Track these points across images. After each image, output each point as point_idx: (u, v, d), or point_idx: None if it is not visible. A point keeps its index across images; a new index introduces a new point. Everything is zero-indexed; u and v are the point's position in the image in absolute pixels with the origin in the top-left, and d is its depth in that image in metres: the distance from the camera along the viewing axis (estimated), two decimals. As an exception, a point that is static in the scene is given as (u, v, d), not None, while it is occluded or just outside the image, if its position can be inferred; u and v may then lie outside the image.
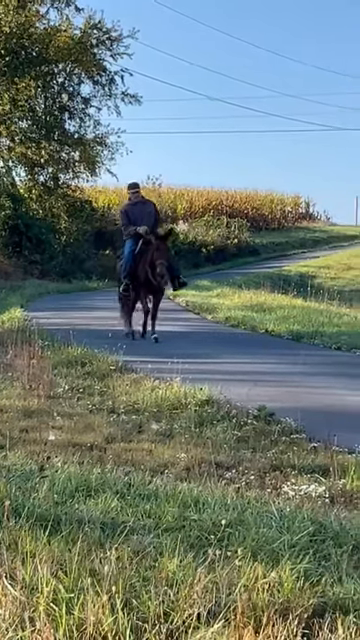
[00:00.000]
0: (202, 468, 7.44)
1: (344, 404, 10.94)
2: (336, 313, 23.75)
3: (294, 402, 10.65)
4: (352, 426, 9.30)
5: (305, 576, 4.45)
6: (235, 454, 8.08)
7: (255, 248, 49.66)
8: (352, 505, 6.42)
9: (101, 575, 4.20)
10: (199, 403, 10.17)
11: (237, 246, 48.00)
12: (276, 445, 8.49)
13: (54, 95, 38.12)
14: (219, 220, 50.02)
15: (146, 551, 4.71)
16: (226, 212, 52.44)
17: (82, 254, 38.66)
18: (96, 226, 40.85)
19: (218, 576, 4.31)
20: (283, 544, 4.94)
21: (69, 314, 21.77)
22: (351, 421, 9.73)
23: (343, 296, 29.26)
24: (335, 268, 42.32)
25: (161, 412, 9.82)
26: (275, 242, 52.91)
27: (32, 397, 10.43)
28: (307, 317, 21.73)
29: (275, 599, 4.16)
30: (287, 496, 6.57)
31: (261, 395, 10.63)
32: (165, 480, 6.70)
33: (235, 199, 55.94)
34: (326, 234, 58.80)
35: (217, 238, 47.42)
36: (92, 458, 7.51)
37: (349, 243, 54.92)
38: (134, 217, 17.21)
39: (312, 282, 34.45)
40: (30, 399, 10.28)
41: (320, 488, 6.87)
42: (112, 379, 11.98)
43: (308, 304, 26.08)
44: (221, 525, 5.24)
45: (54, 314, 21.53)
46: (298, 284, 33.65)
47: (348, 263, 43.83)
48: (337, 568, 4.72)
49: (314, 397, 11.45)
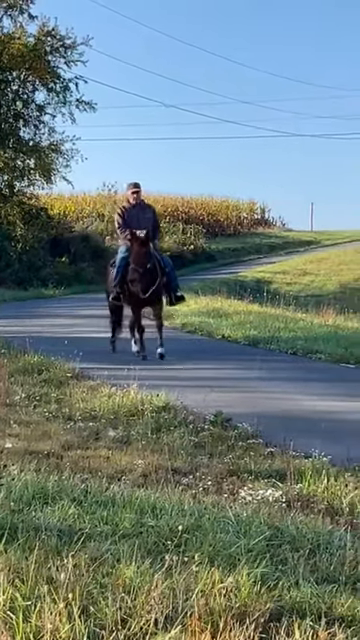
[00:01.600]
0: (159, 474, 7.45)
1: (300, 409, 10.99)
2: (292, 318, 23.81)
3: (251, 407, 10.69)
4: (308, 431, 9.34)
5: (262, 580, 4.48)
6: (192, 460, 8.10)
7: (211, 254, 49.80)
8: (308, 509, 6.45)
9: (58, 582, 4.21)
10: (156, 409, 10.18)
11: (193, 252, 48.11)
12: (233, 450, 8.51)
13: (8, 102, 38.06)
14: (175, 226, 50.12)
15: (103, 558, 4.72)
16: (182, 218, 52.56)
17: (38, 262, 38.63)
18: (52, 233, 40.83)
19: (175, 582, 4.33)
20: (240, 549, 4.97)
21: (25, 322, 21.72)
22: (307, 426, 9.77)
23: (299, 301, 29.38)
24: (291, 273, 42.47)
25: (118, 419, 9.83)
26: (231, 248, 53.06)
27: (-14, 405, 10.42)
28: (263, 322, 21.79)
29: (232, 604, 4.19)
30: (244, 501, 6.60)
31: (218, 401, 10.65)
32: (122, 487, 6.71)
33: (191, 205, 56.09)
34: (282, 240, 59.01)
35: (173, 244, 47.39)
36: (49, 466, 7.50)
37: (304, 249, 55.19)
38: (130, 221, 15.55)
39: (268, 287, 34.57)
40: (-16, 407, 10.27)
41: (277, 493, 6.91)
42: (69, 386, 11.97)
43: (264, 310, 26.16)
44: (178, 531, 5.25)
45: (10, 322, 21.46)
46: (254, 290, 33.73)
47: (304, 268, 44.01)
48: (294, 572, 4.75)
49: (270, 402, 11.50)
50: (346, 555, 5.10)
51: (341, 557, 5.07)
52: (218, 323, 21.63)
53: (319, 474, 7.40)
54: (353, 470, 7.56)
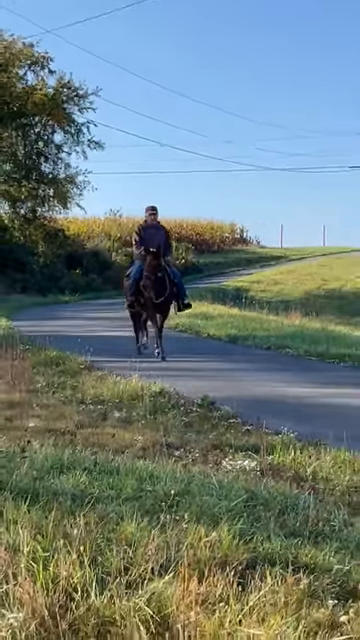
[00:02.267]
0: (155, 448, 7.44)
1: (272, 394, 10.98)
2: (265, 320, 23.83)
3: (231, 393, 10.66)
4: (278, 412, 9.34)
5: (240, 535, 4.47)
6: (183, 436, 8.09)
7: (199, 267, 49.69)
8: (278, 476, 6.44)
9: (72, 537, 4.20)
10: (153, 395, 10.18)
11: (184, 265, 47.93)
12: (216, 428, 8.51)
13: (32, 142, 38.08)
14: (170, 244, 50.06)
15: (109, 517, 4.71)
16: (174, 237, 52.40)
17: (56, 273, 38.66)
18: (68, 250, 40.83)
19: (168, 536, 4.32)
20: (222, 509, 4.96)
21: (46, 323, 21.68)
22: (277, 408, 9.77)
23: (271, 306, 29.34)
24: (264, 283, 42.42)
25: (122, 403, 9.82)
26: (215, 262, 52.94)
27: (15, 392, 10.38)
28: (242, 323, 21.79)
29: (215, 554, 4.18)
30: (225, 470, 6.59)
31: (204, 387, 10.65)
32: (125, 458, 6.69)
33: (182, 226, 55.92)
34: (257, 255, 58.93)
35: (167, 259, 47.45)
36: (65, 441, 7.48)
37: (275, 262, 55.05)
38: (146, 238, 15.05)
39: (246, 294, 34.56)
40: (13, 393, 10.23)
41: (252, 463, 6.90)
42: (81, 376, 11.96)
43: (243, 313, 26.16)
44: (171, 495, 5.24)
45: (33, 323, 21.42)
46: (234, 296, 33.73)
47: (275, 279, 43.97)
48: (266, 528, 4.75)
49: (247, 389, 11.48)
50: (309, 514, 5.09)
51: (305, 516, 5.06)
52: (204, 324, 21.61)
53: (287, 448, 7.39)
54: (315, 444, 7.55)
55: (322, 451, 7.32)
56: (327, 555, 4.36)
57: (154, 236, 15.01)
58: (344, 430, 7.74)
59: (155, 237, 14.99)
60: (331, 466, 6.84)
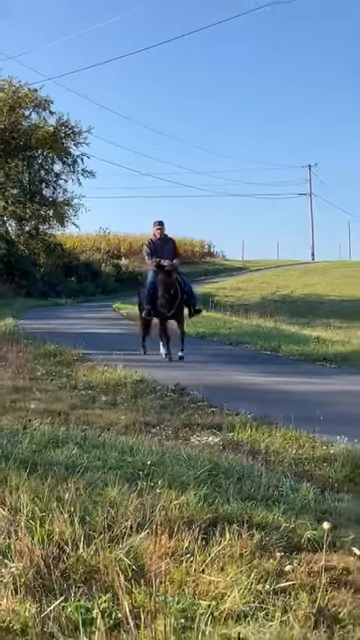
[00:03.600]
0: (136, 426, 7.43)
1: (232, 382, 11.02)
2: (228, 320, 23.90)
3: (199, 381, 10.68)
4: (238, 397, 9.36)
5: (204, 499, 4.47)
6: (159, 416, 8.09)
7: (175, 276, 49.75)
8: (237, 450, 6.45)
9: (64, 500, 4.19)
10: (134, 382, 10.19)
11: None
12: (186, 410, 8.51)
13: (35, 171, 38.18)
14: (150, 257, 50.05)
15: (96, 483, 4.70)
16: (154, 251, 52.45)
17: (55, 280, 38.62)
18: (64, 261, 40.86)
19: (145, 500, 4.32)
20: (190, 477, 4.96)
21: (46, 321, 21.60)
22: (237, 393, 9.79)
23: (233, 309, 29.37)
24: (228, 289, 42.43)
25: (108, 388, 9.80)
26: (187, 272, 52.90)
27: (19, 378, 10.35)
28: (209, 323, 21.81)
29: (183, 515, 4.19)
30: (193, 444, 6.60)
31: (176, 376, 10.67)
32: (110, 434, 6.68)
33: (160, 242, 56.00)
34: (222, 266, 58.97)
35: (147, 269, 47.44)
36: (60, 420, 7.46)
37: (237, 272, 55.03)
38: (155, 251, 13.81)
39: (212, 299, 34.55)
40: (18, 380, 10.20)
41: (216, 439, 6.91)
42: (75, 366, 11.94)
43: (210, 314, 26.16)
44: (147, 465, 5.25)
45: (35, 321, 21.35)
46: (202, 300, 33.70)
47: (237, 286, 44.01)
48: (226, 493, 4.75)
49: (212, 377, 11.51)
50: (262, 481, 5.10)
51: (258, 483, 5.07)
52: (178, 323, 21.64)
53: (245, 426, 7.41)
54: (268, 424, 7.58)
55: (273, 429, 7.35)
56: (276, 515, 4.37)
57: (164, 248, 13.90)
58: (291, 412, 7.78)
59: (164, 249, 13.90)
60: (280, 441, 6.87)
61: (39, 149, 37.40)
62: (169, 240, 14.14)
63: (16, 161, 36.97)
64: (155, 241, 14.03)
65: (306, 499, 4.84)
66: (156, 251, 13.76)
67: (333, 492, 5.32)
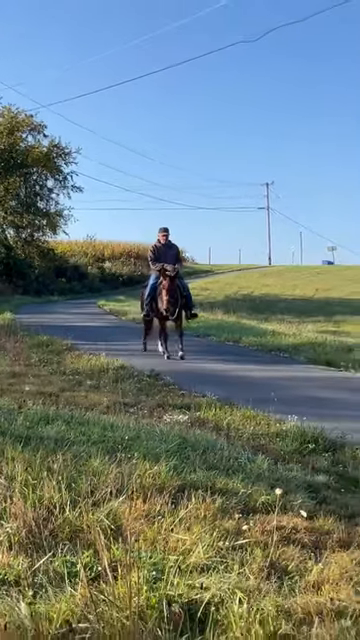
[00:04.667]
0: (116, 406, 7.42)
1: (199, 368, 11.04)
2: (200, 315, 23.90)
3: (171, 368, 10.70)
4: (204, 381, 9.37)
5: (174, 468, 4.49)
6: (136, 398, 8.09)
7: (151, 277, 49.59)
8: (203, 427, 6.47)
9: (53, 470, 4.19)
10: (116, 368, 10.16)
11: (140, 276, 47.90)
12: (160, 392, 8.52)
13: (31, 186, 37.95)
14: (129, 260, 49.99)
15: (80, 455, 4.70)
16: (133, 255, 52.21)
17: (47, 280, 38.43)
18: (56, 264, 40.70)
19: (123, 469, 4.33)
20: (162, 450, 4.97)
21: (39, 316, 21.43)
22: (203, 378, 9.80)
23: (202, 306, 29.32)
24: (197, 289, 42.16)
25: (93, 374, 9.78)
26: (162, 274, 52.92)
27: (15, 365, 10.29)
28: (180, 318, 21.82)
29: (156, 482, 4.20)
30: (165, 422, 6.60)
31: (152, 364, 10.66)
32: (94, 413, 6.68)
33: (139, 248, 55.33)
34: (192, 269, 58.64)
35: (128, 271, 47.44)
36: (50, 401, 7.43)
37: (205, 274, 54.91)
38: (159, 256, 12.78)
39: (183, 297, 34.58)
40: (14, 366, 10.14)
41: (185, 417, 6.92)
42: (64, 354, 11.89)
43: (181, 310, 26.18)
44: (125, 439, 5.26)
45: (30, 316, 21.20)
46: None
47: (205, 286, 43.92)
48: (193, 464, 4.77)
49: (182, 365, 11.53)
50: (223, 454, 5.12)
51: (220, 455, 5.09)
52: (153, 318, 21.61)
53: (210, 406, 7.43)
54: (229, 404, 7.60)
55: (234, 409, 7.38)
56: (235, 483, 4.40)
57: (167, 253, 12.80)
58: (250, 394, 7.81)
59: (168, 254, 12.78)
60: (240, 420, 6.90)
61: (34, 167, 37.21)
62: (172, 246, 13.06)
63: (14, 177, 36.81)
64: (159, 246, 12.97)
65: (261, 469, 4.87)
66: (160, 256, 12.80)
67: (284, 463, 5.36)
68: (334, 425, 6.56)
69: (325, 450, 5.91)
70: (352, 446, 6.02)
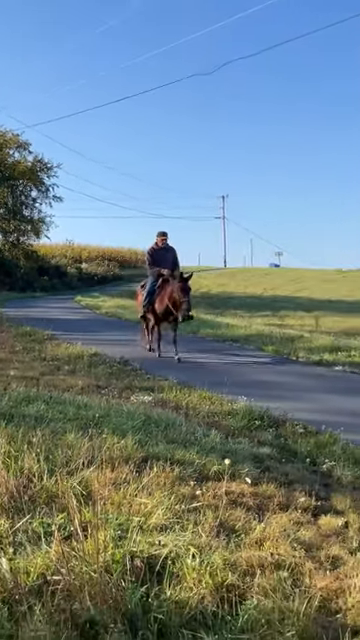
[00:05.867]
0: (90, 388, 7.42)
1: (163, 356, 11.02)
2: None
3: (138, 355, 10.68)
4: (166, 367, 9.41)
5: (139, 442, 4.49)
6: (107, 381, 8.07)
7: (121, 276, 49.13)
8: (165, 406, 6.48)
9: (33, 443, 4.15)
10: (90, 355, 10.12)
11: (112, 275, 47.68)
12: (128, 377, 8.51)
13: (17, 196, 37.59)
14: (103, 262, 49.79)
15: (57, 431, 4.68)
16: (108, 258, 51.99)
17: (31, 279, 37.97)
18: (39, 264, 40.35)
19: (94, 443, 4.31)
20: (128, 426, 4.97)
21: (23, 310, 21.21)
22: (166, 365, 9.84)
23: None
24: (162, 287, 42.44)
25: (70, 360, 9.72)
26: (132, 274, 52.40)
27: (1, 352, 10.22)
28: (147, 312, 21.78)
29: (123, 454, 4.20)
30: (132, 402, 6.60)
31: (121, 351, 10.62)
32: (70, 394, 6.64)
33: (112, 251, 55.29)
34: (158, 270, 58.85)
35: (102, 271, 47.23)
36: (32, 383, 7.38)
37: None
38: (158, 259, 11.47)
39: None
40: (0, 353, 10.08)
41: (149, 398, 6.94)
42: (45, 343, 11.79)
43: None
44: (97, 417, 5.25)
45: (15, 309, 21.01)
46: (143, 295, 33.66)
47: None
48: (155, 438, 4.78)
49: (148, 353, 11.52)
50: (182, 429, 5.14)
51: (179, 430, 5.11)
52: (123, 312, 21.50)
53: (171, 389, 7.44)
54: (188, 387, 7.62)
55: (192, 391, 7.40)
56: (191, 454, 4.41)
57: (165, 256, 11.49)
58: (206, 378, 7.86)
59: (166, 257, 11.48)
60: (197, 400, 6.92)
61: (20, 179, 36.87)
62: (170, 249, 11.71)
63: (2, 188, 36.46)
64: (157, 250, 11.62)
65: (214, 442, 4.90)
66: (158, 259, 11.51)
67: (234, 437, 5.40)
68: (278, 405, 6.64)
69: (269, 426, 5.97)
70: (292, 422, 6.10)
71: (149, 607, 2.46)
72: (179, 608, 2.48)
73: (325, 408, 7.09)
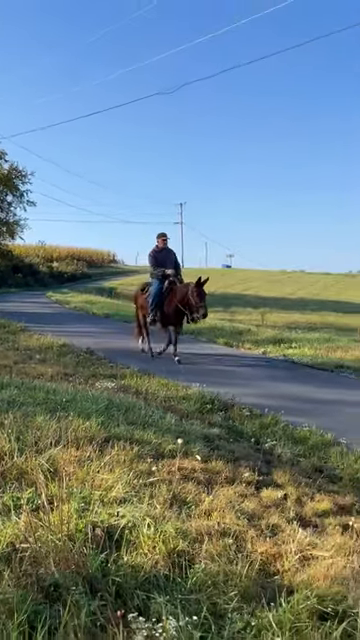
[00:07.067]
0: (59, 376, 7.34)
1: (125, 347, 10.97)
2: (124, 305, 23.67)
3: (103, 346, 10.61)
4: (128, 357, 9.37)
5: (102, 424, 4.46)
6: (74, 369, 8.00)
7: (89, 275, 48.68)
8: (126, 392, 6.46)
9: (5, 425, 4.09)
10: (59, 346, 10.03)
11: (81, 274, 47.21)
12: (94, 365, 8.46)
13: (-6, 201, 37.13)
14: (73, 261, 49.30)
15: (28, 414, 4.61)
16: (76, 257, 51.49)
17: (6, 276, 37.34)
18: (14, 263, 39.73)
19: (61, 424, 4.26)
20: (93, 410, 4.93)
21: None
22: (127, 354, 9.79)
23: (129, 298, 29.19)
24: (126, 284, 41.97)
25: (41, 350, 9.62)
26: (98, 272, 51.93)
27: (-22, 342, 10.07)
28: (112, 307, 21.65)
29: (87, 434, 4.16)
30: (97, 388, 6.56)
31: (87, 342, 10.56)
32: (40, 381, 6.57)
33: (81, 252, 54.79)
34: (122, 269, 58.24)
35: (71, 270, 46.75)
36: (6, 371, 7.27)
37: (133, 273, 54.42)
38: (160, 260, 10.29)
39: (115, 291, 34.32)
40: (-23, 343, 9.93)
41: (112, 384, 6.90)
42: (18, 334, 11.64)
43: (112, 301, 26.00)
44: (64, 401, 5.19)
45: (-8, 303, 20.72)
46: (108, 291, 33.48)
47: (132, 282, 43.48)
48: (117, 420, 4.75)
49: (112, 344, 11.43)
50: (141, 412, 5.13)
51: (139, 413, 5.10)
52: (90, 307, 21.37)
53: (132, 376, 7.44)
54: (148, 374, 7.62)
55: (151, 378, 7.41)
56: (149, 434, 4.41)
57: (167, 257, 10.43)
58: (163, 367, 7.88)
59: (168, 258, 10.43)
60: (155, 386, 6.92)
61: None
62: (171, 251, 10.63)
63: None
64: (159, 251, 10.46)
65: (169, 424, 4.91)
66: (161, 260, 10.41)
67: (187, 419, 5.42)
68: (227, 390, 6.69)
69: (219, 409, 6.01)
70: (240, 406, 6.15)
71: (108, 571, 2.45)
72: (135, 572, 2.48)
73: (269, 393, 7.18)
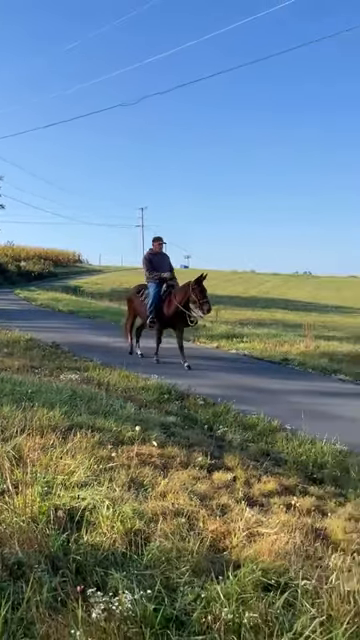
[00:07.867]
0: (25, 368, 7.24)
1: (88, 341, 10.91)
2: (89, 302, 23.55)
3: (68, 340, 10.52)
4: (92, 351, 9.30)
5: (65, 413, 4.42)
6: (40, 362, 7.90)
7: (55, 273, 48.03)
8: (89, 383, 6.41)
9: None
10: (26, 340, 9.88)
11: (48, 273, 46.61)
12: (59, 358, 8.37)
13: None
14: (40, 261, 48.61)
15: (-5, 404, 4.55)
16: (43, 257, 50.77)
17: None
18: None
19: (27, 414, 4.22)
20: (57, 400, 4.87)
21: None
22: (91, 349, 9.72)
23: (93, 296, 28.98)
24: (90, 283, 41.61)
25: (8, 344, 9.45)
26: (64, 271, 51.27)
27: None
28: (77, 304, 21.48)
29: (51, 423, 4.12)
30: (62, 380, 6.49)
31: (53, 337, 10.46)
32: (7, 373, 6.46)
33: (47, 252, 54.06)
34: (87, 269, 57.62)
35: (39, 269, 46.11)
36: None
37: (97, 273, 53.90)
38: (156, 264, 9.53)
39: (80, 289, 34.01)
40: None
41: (76, 376, 6.83)
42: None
43: (77, 299, 25.75)
44: (30, 392, 5.12)
45: None
46: (73, 289, 33.14)
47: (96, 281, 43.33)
48: (80, 410, 4.72)
49: (76, 338, 11.35)
50: (103, 402, 5.11)
51: (100, 403, 5.07)
52: (56, 304, 21.15)
53: (95, 369, 7.39)
54: (109, 367, 7.58)
55: (112, 370, 7.37)
56: (110, 423, 4.39)
57: (162, 261, 9.69)
58: (124, 360, 7.85)
59: (163, 262, 9.71)
60: (117, 378, 6.89)
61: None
62: (165, 255, 9.97)
63: None
64: (154, 255, 9.75)
65: (129, 413, 4.89)
66: (156, 264, 9.65)
67: (146, 408, 5.42)
68: (184, 381, 6.72)
69: (176, 399, 6.04)
70: (195, 396, 6.19)
71: (69, 550, 2.44)
72: (94, 550, 2.47)
73: (222, 384, 7.24)
